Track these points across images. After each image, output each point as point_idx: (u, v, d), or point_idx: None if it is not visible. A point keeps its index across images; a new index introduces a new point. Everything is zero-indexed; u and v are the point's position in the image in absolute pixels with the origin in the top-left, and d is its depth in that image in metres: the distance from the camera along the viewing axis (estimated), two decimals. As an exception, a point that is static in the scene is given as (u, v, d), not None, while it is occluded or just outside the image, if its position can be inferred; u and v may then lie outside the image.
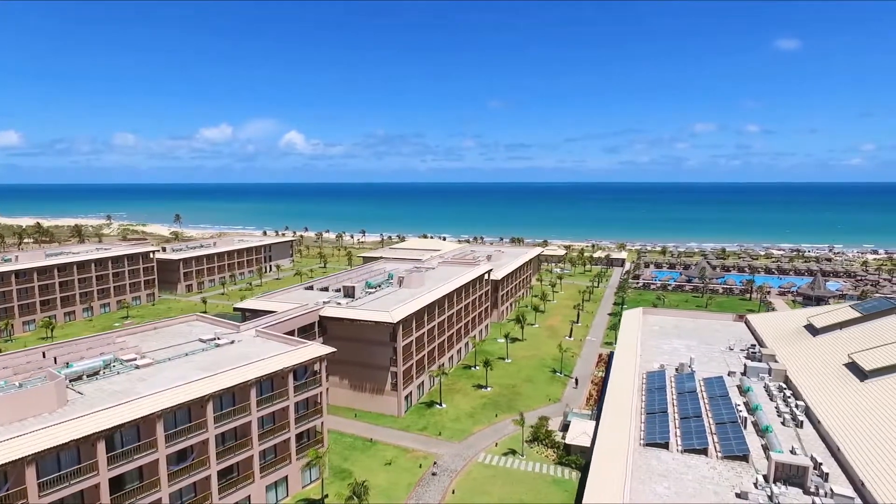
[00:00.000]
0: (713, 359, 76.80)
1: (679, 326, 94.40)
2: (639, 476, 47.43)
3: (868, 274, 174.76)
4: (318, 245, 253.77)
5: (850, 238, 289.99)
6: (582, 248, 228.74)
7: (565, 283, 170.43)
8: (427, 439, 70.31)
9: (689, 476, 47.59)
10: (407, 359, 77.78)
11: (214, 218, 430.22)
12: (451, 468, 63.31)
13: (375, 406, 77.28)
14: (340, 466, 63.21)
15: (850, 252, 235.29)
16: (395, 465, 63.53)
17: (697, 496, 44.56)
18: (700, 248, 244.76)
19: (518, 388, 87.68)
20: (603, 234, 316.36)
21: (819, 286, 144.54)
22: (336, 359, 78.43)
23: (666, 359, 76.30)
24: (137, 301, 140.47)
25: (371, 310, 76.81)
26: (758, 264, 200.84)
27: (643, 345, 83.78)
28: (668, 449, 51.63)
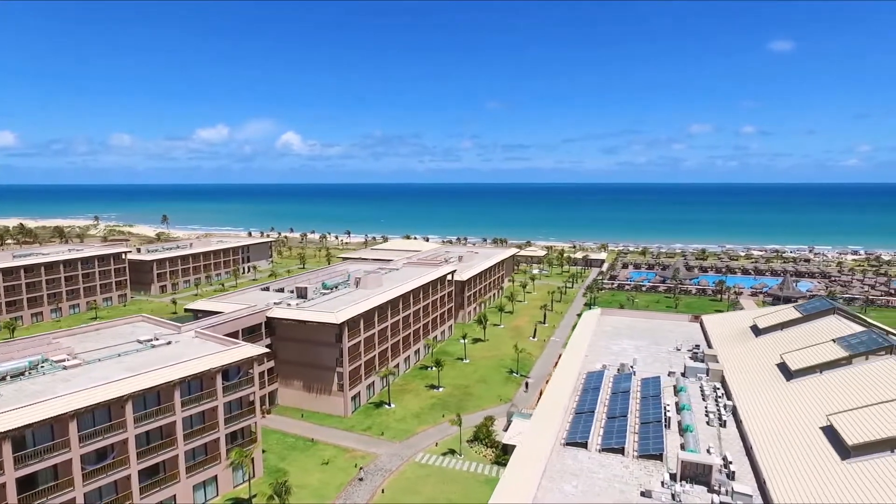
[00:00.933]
0: (658, 359, 77.30)
1: (634, 327, 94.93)
2: (550, 475, 47.94)
3: (842, 275, 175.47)
4: (302, 246, 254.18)
5: (837, 239, 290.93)
6: (562, 249, 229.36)
7: (541, 283, 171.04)
8: (369, 439, 70.84)
9: (601, 475, 48.10)
10: (354, 359, 78.30)
11: (204, 219, 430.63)
12: (387, 468, 63.85)
13: (322, 406, 77.79)
14: (277, 466, 63.72)
15: (830, 253, 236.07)
16: (331, 465, 64.04)
17: (602, 495, 45.08)
18: (683, 249, 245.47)
19: (471, 388, 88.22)
20: (592, 234, 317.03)
21: (788, 287, 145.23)
22: (284, 359, 79.52)
23: (612, 359, 76.74)
24: (109, 302, 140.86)
25: (317, 311, 77.35)
26: (736, 265, 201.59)
27: (593, 345, 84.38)
28: (587, 448, 52.08)
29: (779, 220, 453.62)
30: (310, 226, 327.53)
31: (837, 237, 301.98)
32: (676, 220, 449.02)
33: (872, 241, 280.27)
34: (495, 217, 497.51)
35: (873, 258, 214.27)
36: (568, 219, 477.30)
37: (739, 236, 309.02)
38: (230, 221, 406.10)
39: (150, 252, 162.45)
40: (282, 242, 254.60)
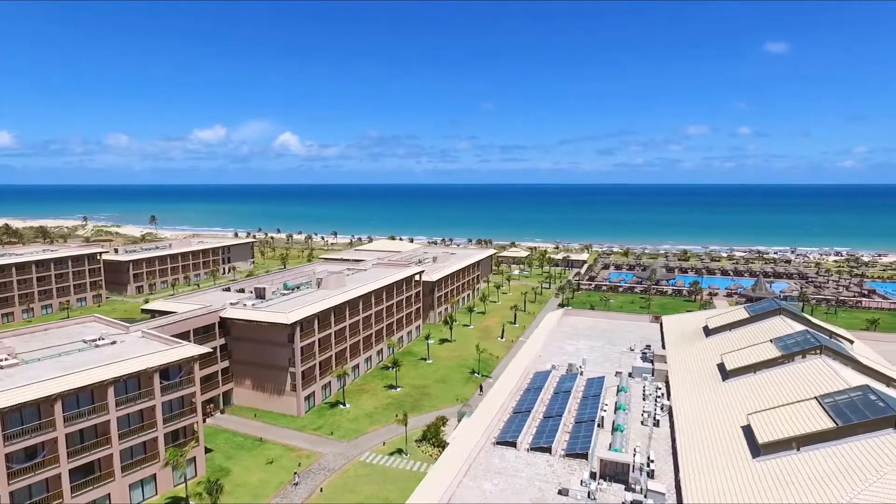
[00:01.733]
0: (610, 359, 77.98)
1: (594, 328, 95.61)
2: (473, 474, 48.48)
3: (819, 276, 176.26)
4: (287, 246, 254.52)
5: (824, 240, 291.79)
6: (545, 250, 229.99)
7: (519, 284, 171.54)
8: (317, 439, 71.29)
9: (525, 474, 48.66)
10: (308, 360, 78.75)
11: (195, 219, 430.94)
12: (330, 467, 64.30)
13: (276, 406, 78.23)
14: (221, 465, 64.14)
15: (812, 254, 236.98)
16: (275, 465, 64.48)
17: (521, 493, 45.64)
18: (666, 251, 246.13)
19: (429, 388, 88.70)
20: (581, 235, 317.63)
21: (761, 287, 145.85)
22: (239, 359, 79.99)
23: (564, 359, 77.35)
24: (83, 302, 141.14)
25: (268, 311, 77.83)
26: (716, 266, 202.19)
27: (548, 346, 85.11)
28: (517, 447, 52.66)
29: (768, 221, 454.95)
30: (302, 227, 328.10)
31: (824, 238, 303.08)
32: (666, 222, 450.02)
33: (858, 242, 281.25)
34: (488, 218, 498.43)
35: (852, 259, 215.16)
36: (560, 220, 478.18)
37: (726, 237, 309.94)
38: (221, 222, 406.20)
39: (127, 253, 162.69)
40: (266, 243, 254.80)
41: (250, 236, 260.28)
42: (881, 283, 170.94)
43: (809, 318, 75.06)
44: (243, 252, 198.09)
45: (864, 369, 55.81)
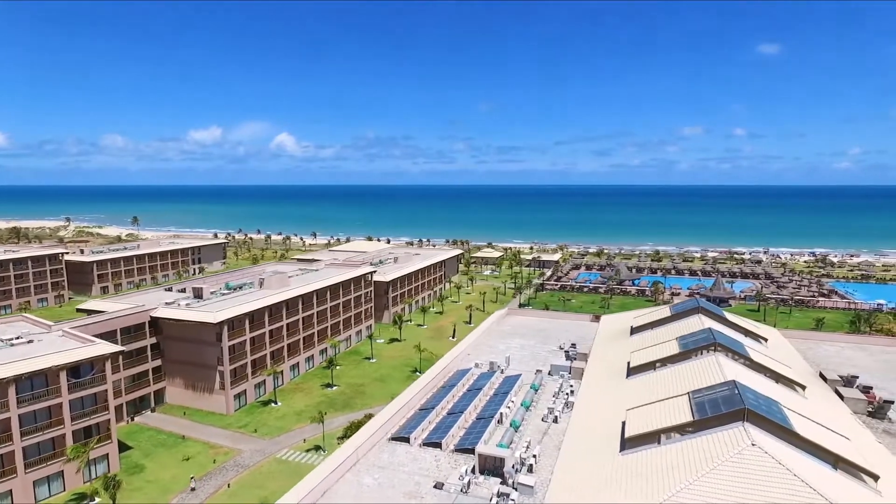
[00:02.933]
0: (537, 358, 78.85)
1: (532, 327, 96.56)
2: (358, 469, 49.36)
3: (784, 276, 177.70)
4: (265, 247, 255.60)
5: (803, 241, 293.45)
6: (518, 251, 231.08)
7: (486, 284, 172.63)
8: (240, 436, 72.34)
9: (408, 468, 49.58)
10: (238, 358, 79.80)
11: (181, 220, 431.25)
12: (245, 464, 65.34)
13: (206, 404, 79.24)
14: (137, 462, 65.17)
15: (784, 255, 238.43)
16: (192, 461, 65.50)
17: (397, 486, 46.54)
18: (641, 251, 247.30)
19: (366, 387, 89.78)
20: (566, 236, 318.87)
21: (719, 287, 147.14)
22: (171, 358, 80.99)
23: (491, 357, 78.18)
24: (44, 303, 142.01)
25: (196, 310, 78.86)
26: (686, 266, 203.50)
27: (480, 344, 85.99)
28: (409, 443, 53.63)
29: (754, 222, 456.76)
30: (292, 227, 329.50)
31: (805, 239, 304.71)
32: (653, 223, 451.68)
33: (841, 243, 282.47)
34: (480, 219, 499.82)
35: (821, 260, 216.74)
36: (549, 221, 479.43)
37: (708, 238, 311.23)
38: (207, 223, 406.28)
39: (94, 253, 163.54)
40: (242, 244, 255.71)
41: (229, 237, 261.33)
42: (844, 284, 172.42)
43: (727, 317, 76.05)
44: (214, 253, 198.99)
45: (755, 366, 56.91)
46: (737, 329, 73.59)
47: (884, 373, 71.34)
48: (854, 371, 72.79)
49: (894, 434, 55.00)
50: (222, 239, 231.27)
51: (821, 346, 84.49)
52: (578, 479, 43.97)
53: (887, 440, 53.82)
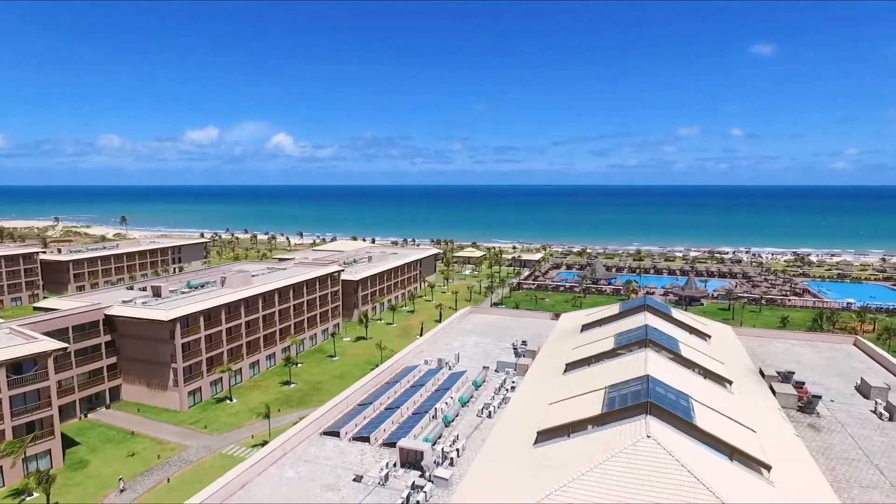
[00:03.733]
0: (489, 355, 79.59)
1: (492, 325, 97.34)
2: (284, 462, 50.15)
3: (759, 275, 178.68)
4: (251, 247, 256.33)
5: (788, 241, 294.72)
6: (500, 250, 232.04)
7: (463, 283, 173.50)
8: (190, 432, 73.12)
9: (332, 462, 50.37)
10: (193, 356, 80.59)
11: (172, 220, 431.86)
12: (189, 459, 66.14)
13: (160, 401, 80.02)
14: (82, 458, 65.96)
15: (765, 255, 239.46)
16: (136, 457, 66.27)
17: (317, 479, 47.31)
18: (624, 251, 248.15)
19: (324, 384, 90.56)
20: (556, 236, 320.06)
21: (691, 286, 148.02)
22: (126, 356, 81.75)
23: (442, 354, 79.07)
24: (17, 302, 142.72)
25: (149, 308, 79.65)
26: (666, 266, 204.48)
27: (436, 342, 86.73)
28: (340, 437, 54.46)
29: (743, 222, 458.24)
30: (285, 228, 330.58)
31: (792, 239, 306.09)
32: (643, 223, 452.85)
33: (826, 242, 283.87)
34: (470, 218, 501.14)
35: (799, 259, 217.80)
36: (540, 220, 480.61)
37: (695, 238, 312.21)
38: (199, 223, 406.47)
39: (72, 252, 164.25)
40: (228, 243, 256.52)
41: (215, 237, 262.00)
42: (819, 283, 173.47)
43: (672, 315, 76.83)
44: (195, 252, 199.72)
45: (684, 362, 57.70)
46: (681, 326, 74.42)
47: (825, 369, 72.33)
48: (798, 367, 73.85)
49: (818, 428, 55.93)
50: (205, 239, 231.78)
51: (772, 343, 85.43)
52: (491, 471, 44.75)
53: (809, 433, 54.76)
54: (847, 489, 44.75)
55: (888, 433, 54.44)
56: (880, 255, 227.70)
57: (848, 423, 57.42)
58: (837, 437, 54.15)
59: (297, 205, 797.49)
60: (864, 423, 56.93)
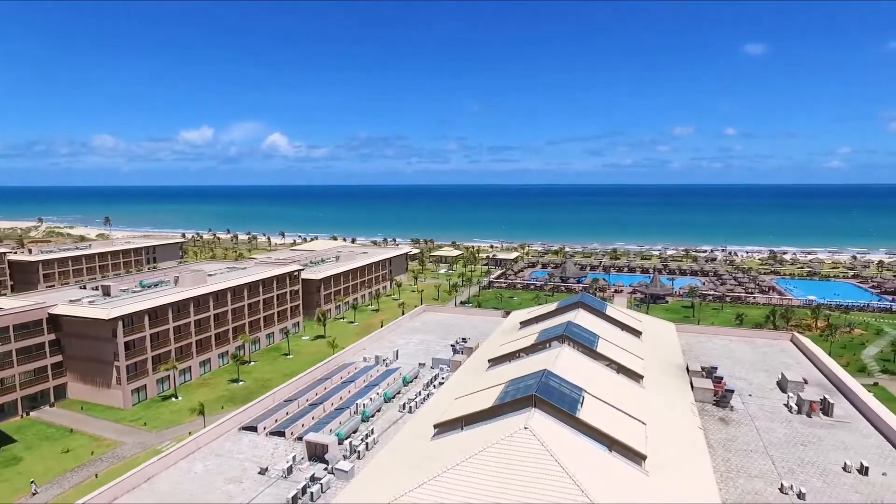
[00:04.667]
0: (429, 352, 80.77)
1: (443, 323, 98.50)
2: (194, 457, 51.13)
3: (728, 273, 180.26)
4: (232, 247, 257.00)
5: (772, 239, 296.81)
6: (477, 249, 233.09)
7: (434, 282, 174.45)
8: (129, 429, 74.01)
9: (243, 456, 51.37)
10: (137, 354, 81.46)
11: (157, 220, 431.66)
12: (122, 455, 67.05)
13: (104, 399, 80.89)
14: (15, 455, 66.82)
15: (741, 253, 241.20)
16: (70, 454, 67.15)
17: (224, 472, 48.33)
18: (600, 249, 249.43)
19: (272, 382, 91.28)
20: (543, 236, 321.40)
21: (655, 284, 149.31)
22: (71, 354, 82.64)
23: (384, 352, 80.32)
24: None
25: (91, 307, 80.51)
26: (639, 264, 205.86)
27: (380, 339, 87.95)
28: (257, 432, 55.57)
29: (729, 220, 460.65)
30: (273, 227, 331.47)
31: (774, 237, 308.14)
32: (629, 222, 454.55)
33: (804, 241, 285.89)
34: (458, 218, 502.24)
35: (772, 258, 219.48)
36: (526, 220, 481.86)
37: (677, 236, 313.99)
38: (184, 223, 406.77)
39: (43, 253, 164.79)
40: (208, 243, 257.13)
41: (197, 237, 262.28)
42: (787, 280, 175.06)
43: (607, 312, 78.01)
44: (171, 252, 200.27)
45: (598, 357, 58.97)
46: (613, 323, 75.90)
47: (755, 364, 73.80)
48: (730, 363, 75.47)
49: (727, 421, 57.25)
50: (185, 239, 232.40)
51: (712, 340, 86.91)
52: (388, 464, 45.78)
53: (716, 426, 56.14)
54: (734, 479, 46.06)
55: (793, 426, 55.86)
56: (852, 254, 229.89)
57: (758, 416, 58.83)
58: (743, 429, 55.53)
59: (291, 205, 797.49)
60: (774, 417, 58.36)
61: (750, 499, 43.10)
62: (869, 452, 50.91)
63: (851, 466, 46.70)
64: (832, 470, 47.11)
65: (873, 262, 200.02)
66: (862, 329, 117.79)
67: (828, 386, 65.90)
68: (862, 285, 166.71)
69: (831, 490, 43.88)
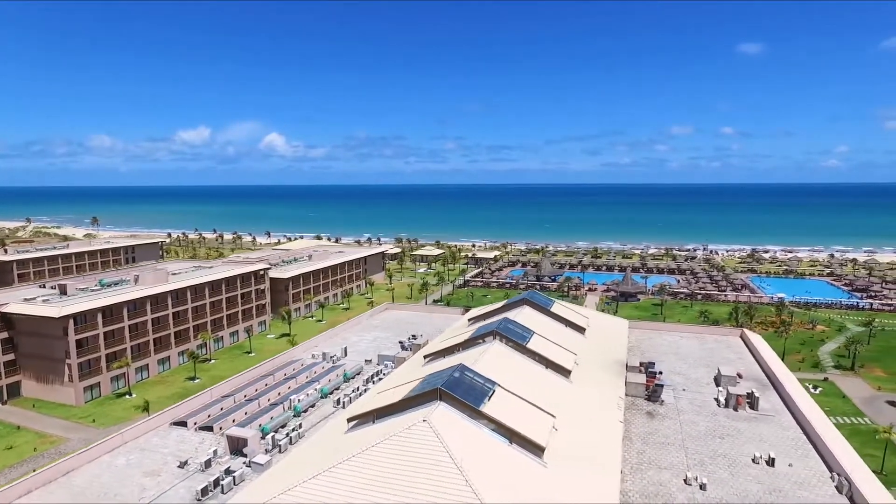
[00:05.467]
0: (380, 349, 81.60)
1: (403, 321, 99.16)
2: (121, 451, 51.85)
3: (705, 272, 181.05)
4: (217, 246, 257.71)
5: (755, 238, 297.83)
6: (459, 248, 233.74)
7: (412, 281, 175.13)
8: (77, 426, 74.66)
9: (167, 450, 52.03)
10: (90, 352, 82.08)
11: (146, 220, 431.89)
12: (66, 451, 67.62)
13: (56, 396, 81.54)
14: (-41, 451, 67.59)
15: (721, 252, 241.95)
16: (13, 450, 67.82)
17: (144, 465, 49.05)
18: (583, 248, 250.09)
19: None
20: (523, 234, 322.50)
21: (627, 282, 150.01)
22: (24, 352, 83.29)
23: (334, 349, 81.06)
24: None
25: (41, 306, 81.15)
26: (618, 263, 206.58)
27: (334, 336, 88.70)
28: (187, 427, 56.26)
29: (715, 220, 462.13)
30: (266, 227, 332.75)
31: (756, 236, 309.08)
32: (616, 221, 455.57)
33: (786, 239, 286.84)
34: (450, 218, 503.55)
35: (750, 256, 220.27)
36: (517, 219, 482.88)
37: (661, 235, 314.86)
38: (176, 223, 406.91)
39: (18, 252, 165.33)
40: (192, 243, 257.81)
41: (182, 236, 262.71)
42: (763, 278, 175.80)
43: (551, 309, 78.53)
44: (150, 252, 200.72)
45: (527, 352, 59.65)
46: (557, 319, 76.69)
47: (698, 360, 74.48)
48: (674, 359, 76.31)
49: (654, 414, 57.93)
50: (170, 238, 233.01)
51: (663, 336, 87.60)
52: (301, 457, 46.35)
53: (641, 419, 56.87)
54: (644, 470, 46.75)
55: (717, 419, 56.61)
56: (831, 252, 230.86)
57: (686, 409, 59.57)
58: (667, 422, 56.28)
59: (286, 205, 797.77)
60: (701, 411, 59.07)
61: (653, 489, 43.83)
62: (783, 444, 51.72)
63: (760, 458, 47.42)
64: (741, 462, 47.84)
65: (850, 261, 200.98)
66: (825, 326, 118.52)
67: (764, 381, 66.65)
68: (835, 283, 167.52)
69: (734, 481, 44.60)
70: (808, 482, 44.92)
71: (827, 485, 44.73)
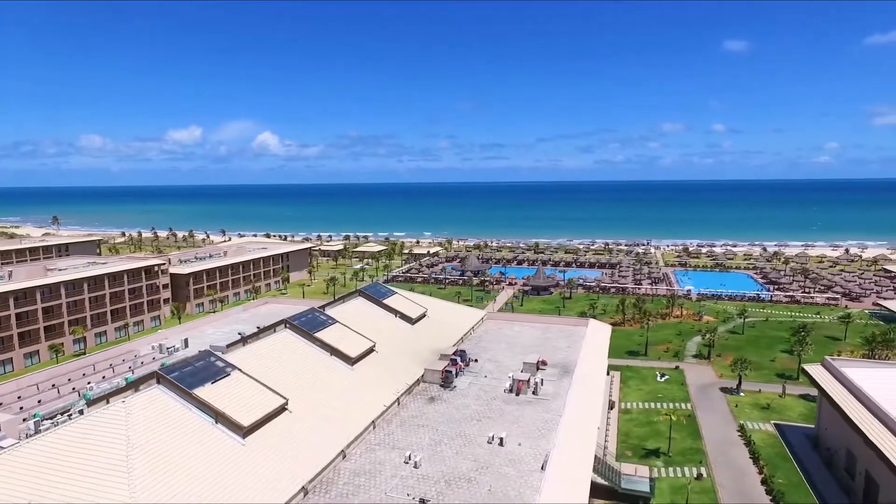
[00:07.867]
0: (228, 340, 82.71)
1: (277, 313, 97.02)
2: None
3: (628, 266, 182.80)
4: (168, 245, 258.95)
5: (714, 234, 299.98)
6: (401, 244, 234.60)
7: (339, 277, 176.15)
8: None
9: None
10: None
11: (113, 220, 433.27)
12: None
13: None
14: None
15: (663, 247, 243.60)
16: None
17: None
18: (530, 245, 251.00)
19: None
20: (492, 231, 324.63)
21: (539, 276, 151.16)
22: None
23: (176, 342, 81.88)
24: None
25: None
26: (560, 258, 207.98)
27: (193, 328, 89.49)
28: None
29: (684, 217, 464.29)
30: (233, 226, 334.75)
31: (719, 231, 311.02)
32: (597, 217, 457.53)
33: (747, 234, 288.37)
34: (433, 216, 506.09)
35: (684, 250, 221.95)
36: (506, 217, 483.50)
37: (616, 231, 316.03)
38: (143, 222, 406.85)
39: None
40: (138, 241, 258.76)
41: (138, 235, 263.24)
42: (686, 272, 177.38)
43: (384, 301, 79.28)
44: (86, 250, 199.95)
45: (315, 340, 61.06)
46: (389, 311, 78.62)
47: (526, 348, 77.18)
48: (504, 347, 78.66)
49: (435, 399, 59.67)
50: (120, 237, 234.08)
51: (512, 326, 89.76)
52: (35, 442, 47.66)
53: (420, 403, 58.64)
54: (374, 450, 48.96)
55: (492, 403, 58.47)
56: (763, 246, 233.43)
57: (469, 394, 61.49)
58: (441, 406, 58.14)
59: (272, 204, 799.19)
60: (482, 395, 60.80)
61: (369, 467, 45.33)
62: (532, 426, 53.47)
63: (494, 438, 49.05)
64: (476, 442, 49.59)
65: (774, 255, 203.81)
66: (712, 317, 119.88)
67: (570, 368, 68.20)
68: (755, 276, 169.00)
69: (454, 459, 46.31)
70: (522, 460, 46.50)
71: (537, 462, 46.26)
